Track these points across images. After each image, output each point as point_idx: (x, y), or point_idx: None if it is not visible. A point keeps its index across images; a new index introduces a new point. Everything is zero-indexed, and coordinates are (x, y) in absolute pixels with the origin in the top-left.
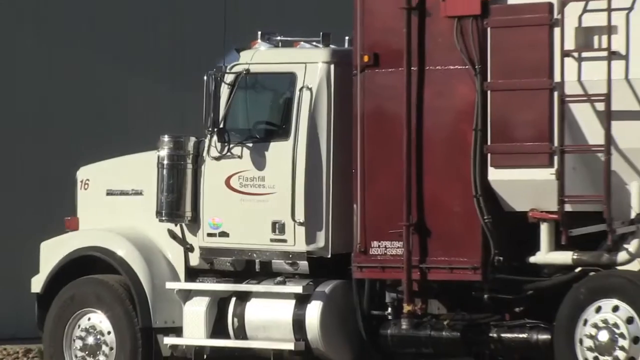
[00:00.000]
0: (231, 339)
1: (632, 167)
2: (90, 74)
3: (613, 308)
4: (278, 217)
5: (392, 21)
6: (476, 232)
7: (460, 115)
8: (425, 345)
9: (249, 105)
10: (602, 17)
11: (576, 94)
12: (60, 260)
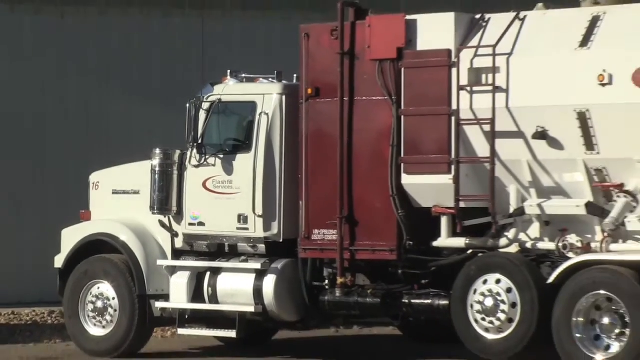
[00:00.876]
0: (206, 304)
1: (511, 174)
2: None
3: (496, 281)
4: (242, 211)
5: (329, 63)
6: (392, 223)
7: (381, 135)
8: (354, 308)
9: (220, 126)
10: (489, 60)
11: (468, 118)
12: (76, 243)
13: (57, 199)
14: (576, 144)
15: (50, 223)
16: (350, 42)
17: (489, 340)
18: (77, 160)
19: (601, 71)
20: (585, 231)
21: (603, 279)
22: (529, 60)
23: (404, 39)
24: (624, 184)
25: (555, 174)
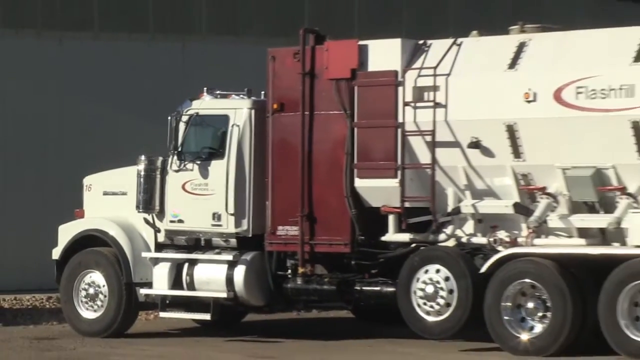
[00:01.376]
0: (185, 290)
1: (449, 178)
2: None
3: (436, 270)
4: (216, 210)
5: (292, 81)
6: (346, 220)
7: (337, 144)
8: (313, 294)
9: (197, 136)
10: (430, 79)
11: (412, 130)
12: (71, 238)
13: (55, 199)
14: (505, 152)
15: (49, 220)
16: (310, 63)
17: (430, 322)
18: (74, 165)
19: (527, 90)
20: (513, 227)
21: (528, 269)
22: (464, 80)
23: (357, 61)
24: (546, 187)
25: (487, 178)
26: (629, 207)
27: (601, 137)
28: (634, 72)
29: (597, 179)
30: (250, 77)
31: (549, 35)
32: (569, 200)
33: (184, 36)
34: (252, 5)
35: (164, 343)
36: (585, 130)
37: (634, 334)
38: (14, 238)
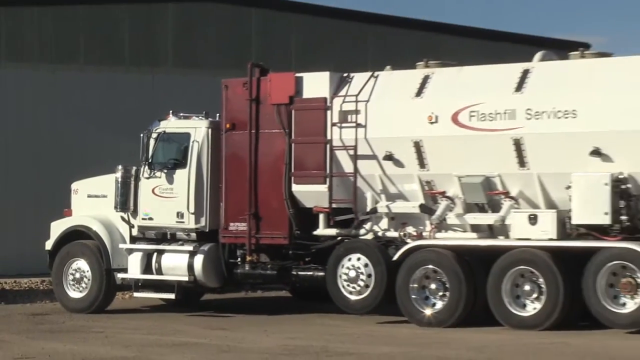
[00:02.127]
0: (154, 275)
1: (368, 184)
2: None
3: (357, 258)
4: (180, 210)
5: (242, 106)
6: (285, 218)
7: (278, 156)
8: (258, 278)
9: (164, 150)
10: (353, 105)
11: (338, 145)
12: (61, 232)
13: (48, 200)
14: (413, 163)
15: (43, 218)
16: (256, 91)
17: (352, 300)
18: (64, 173)
19: (430, 113)
20: (419, 224)
21: (431, 257)
22: (380, 105)
23: (293, 90)
24: (446, 192)
25: (398, 184)
26: (511, 208)
27: (489, 151)
28: (514, 100)
29: (486, 185)
30: (207, 102)
31: (448, 69)
32: (463, 202)
33: (153, 68)
34: (208, 43)
35: (137, 317)
36: (477, 146)
37: (515, 309)
38: (15, 232)
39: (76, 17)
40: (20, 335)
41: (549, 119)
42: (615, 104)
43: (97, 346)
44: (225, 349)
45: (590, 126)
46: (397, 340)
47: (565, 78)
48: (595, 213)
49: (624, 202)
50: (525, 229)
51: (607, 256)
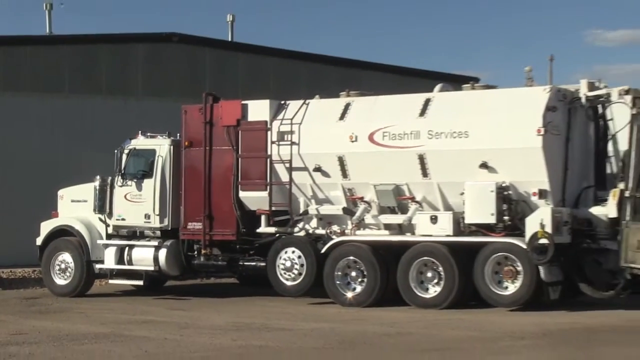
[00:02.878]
0: (125, 265)
1: (301, 191)
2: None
3: (292, 251)
4: (147, 212)
5: (198, 127)
6: (233, 219)
7: (227, 168)
8: (211, 268)
9: (134, 163)
10: (289, 126)
11: (277, 159)
12: (49, 230)
13: (39, 204)
14: (337, 174)
15: (35, 218)
16: (210, 115)
17: (288, 286)
18: (52, 181)
19: (351, 134)
20: (342, 223)
21: (352, 250)
22: (311, 127)
23: (240, 114)
24: (364, 197)
25: (325, 191)
26: (416, 210)
27: (399, 164)
28: (419, 123)
29: (396, 192)
30: (170, 124)
31: (365, 98)
32: (378, 205)
33: (126, 96)
34: (171, 76)
35: (112, 300)
36: (389, 160)
37: (420, 292)
38: (11, 230)
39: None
40: (14, 316)
41: (446, 139)
42: (498, 126)
43: (79, 324)
44: (184, 326)
45: (479, 144)
46: (325, 317)
47: (459, 105)
48: (483, 214)
49: (506, 206)
50: (427, 227)
51: (492, 249)
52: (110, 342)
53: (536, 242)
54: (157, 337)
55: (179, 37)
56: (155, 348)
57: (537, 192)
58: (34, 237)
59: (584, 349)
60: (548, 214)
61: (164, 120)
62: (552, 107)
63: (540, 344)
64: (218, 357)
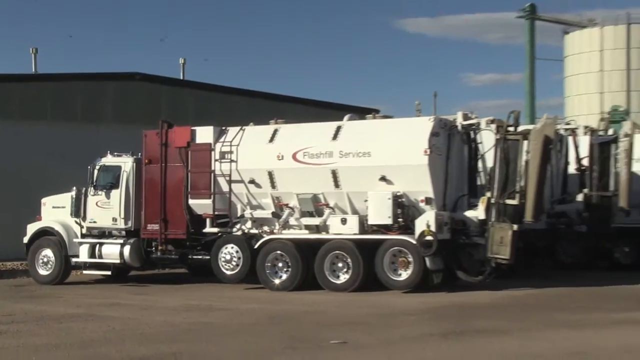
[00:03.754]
0: (97, 259)
1: (238, 199)
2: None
3: (232, 247)
4: (114, 216)
5: (156, 148)
6: (184, 221)
7: (179, 181)
8: (167, 261)
9: (104, 177)
10: (228, 147)
11: (219, 174)
12: (34, 231)
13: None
14: (267, 185)
15: (22, 221)
16: (165, 138)
17: (228, 274)
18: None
19: (278, 153)
20: (271, 224)
21: (279, 246)
22: (246, 148)
23: (189, 137)
24: (289, 204)
25: (258, 199)
26: (330, 214)
27: (316, 177)
28: (332, 145)
29: (314, 200)
30: (133, 146)
31: (290, 125)
32: (300, 210)
33: (98, 124)
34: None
35: (85, 287)
36: (308, 175)
37: (332, 279)
38: (2, 232)
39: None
40: (5, 300)
41: (353, 157)
42: (394, 148)
43: (58, 306)
44: (144, 307)
45: (379, 162)
46: (257, 300)
47: (363, 131)
48: (382, 217)
49: (400, 210)
50: (338, 227)
51: (389, 244)
52: (84, 321)
53: (423, 238)
54: (122, 317)
55: (141, 76)
56: (120, 325)
57: (424, 199)
58: (21, 236)
59: (459, 320)
60: (432, 217)
61: (129, 143)
62: (435, 133)
63: (426, 318)
64: (171, 332)
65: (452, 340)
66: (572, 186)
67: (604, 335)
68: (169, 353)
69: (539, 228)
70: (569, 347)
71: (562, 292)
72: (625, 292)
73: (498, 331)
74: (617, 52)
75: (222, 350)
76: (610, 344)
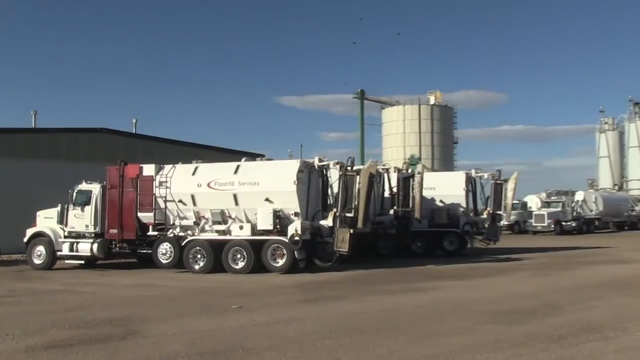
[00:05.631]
0: (74, 252)
1: (171, 213)
2: (39, 192)
3: (167, 244)
4: (87, 223)
5: (116, 178)
6: (134, 227)
7: (131, 200)
8: (123, 254)
9: (80, 197)
10: (165, 178)
11: (158, 196)
12: (32, 233)
13: (26, 219)
14: (190, 204)
15: (23, 226)
16: (122, 172)
17: (164, 263)
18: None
19: (199, 183)
20: (193, 230)
21: (198, 244)
22: (177, 179)
23: (138, 171)
24: (205, 216)
25: (185, 213)
26: (232, 222)
27: (223, 199)
28: (234, 177)
29: (222, 213)
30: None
31: (207, 164)
32: (212, 220)
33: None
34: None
35: (67, 272)
36: (218, 197)
37: (234, 265)
38: (9, 234)
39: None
40: (10, 280)
41: (248, 186)
42: (274, 179)
43: (46, 285)
44: (107, 285)
45: (265, 189)
46: (183, 279)
47: (255, 168)
48: (266, 224)
49: (278, 220)
50: (238, 231)
51: (271, 242)
52: (65, 294)
53: (293, 238)
54: (91, 291)
55: (106, 130)
56: (90, 297)
57: (294, 213)
58: (22, 237)
59: (316, 291)
60: (299, 224)
61: (97, 175)
62: (301, 170)
63: (294, 290)
64: (125, 302)
65: (311, 304)
66: (387, 205)
67: (405, 298)
68: (123, 315)
69: (366, 231)
70: (384, 306)
71: (380, 272)
72: (418, 271)
73: (341, 297)
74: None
75: (160, 313)
76: (409, 303)
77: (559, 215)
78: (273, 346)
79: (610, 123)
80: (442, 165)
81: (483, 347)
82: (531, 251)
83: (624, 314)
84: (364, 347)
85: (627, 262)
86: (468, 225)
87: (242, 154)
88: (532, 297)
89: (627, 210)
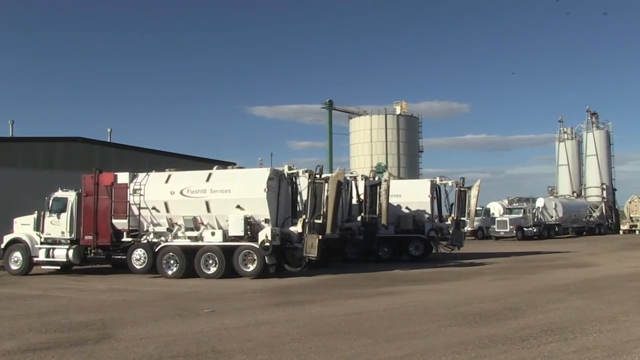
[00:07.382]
0: (51, 258)
1: (144, 219)
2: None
3: (140, 250)
4: (63, 230)
5: (91, 186)
6: (109, 233)
7: (106, 207)
8: (99, 260)
9: (56, 204)
10: (139, 185)
11: (133, 203)
12: (9, 240)
13: (2, 227)
14: (164, 211)
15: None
16: (97, 180)
17: (138, 268)
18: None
19: (172, 190)
20: (167, 236)
21: (171, 249)
22: (150, 186)
23: (113, 179)
24: (177, 222)
25: (158, 219)
26: (204, 229)
27: (195, 206)
28: (206, 185)
29: (194, 220)
30: (76, 185)
31: (179, 172)
32: (185, 227)
33: (52, 170)
34: (77, 159)
35: (43, 278)
36: (190, 204)
37: (205, 270)
38: None
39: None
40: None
41: (220, 193)
42: (246, 187)
43: (23, 290)
44: (82, 290)
45: (236, 196)
46: (157, 284)
47: (226, 176)
48: (238, 231)
49: (249, 227)
50: (209, 237)
51: (242, 248)
52: (41, 299)
53: (264, 244)
54: (67, 296)
55: (81, 139)
56: (66, 301)
57: (264, 220)
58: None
59: (286, 295)
60: (269, 231)
61: (73, 183)
62: (271, 178)
63: (265, 294)
64: (100, 306)
65: (281, 308)
66: (355, 211)
67: (372, 301)
68: (98, 319)
69: (334, 237)
70: (351, 309)
71: (348, 276)
72: (385, 275)
73: (309, 301)
74: (379, 130)
75: (133, 317)
76: (376, 307)
77: (521, 222)
78: (244, 349)
79: (569, 132)
80: (408, 173)
81: (447, 348)
82: (494, 256)
83: (583, 316)
84: (332, 350)
85: (585, 266)
86: (433, 231)
87: (213, 162)
88: (495, 300)
89: (585, 216)
